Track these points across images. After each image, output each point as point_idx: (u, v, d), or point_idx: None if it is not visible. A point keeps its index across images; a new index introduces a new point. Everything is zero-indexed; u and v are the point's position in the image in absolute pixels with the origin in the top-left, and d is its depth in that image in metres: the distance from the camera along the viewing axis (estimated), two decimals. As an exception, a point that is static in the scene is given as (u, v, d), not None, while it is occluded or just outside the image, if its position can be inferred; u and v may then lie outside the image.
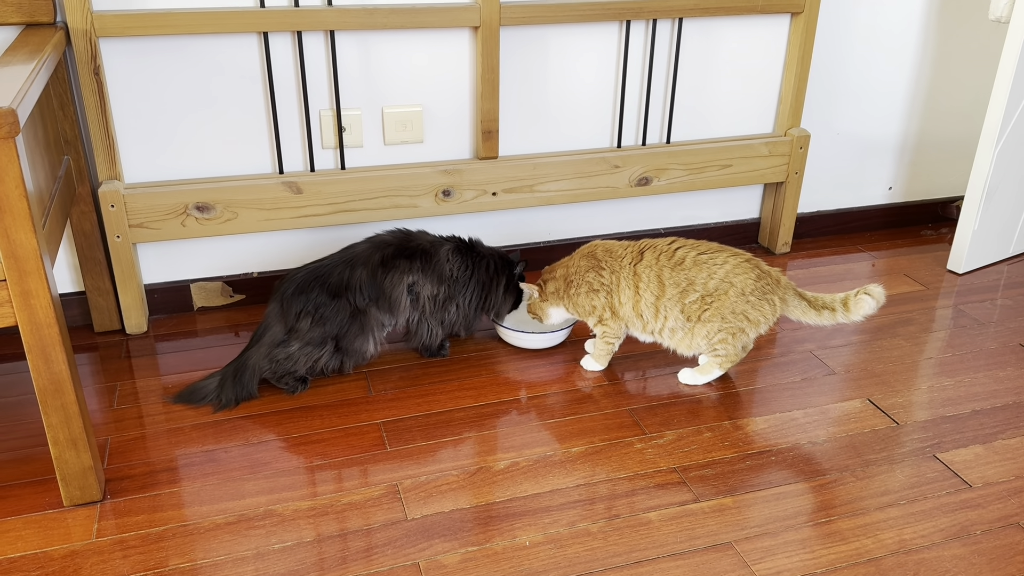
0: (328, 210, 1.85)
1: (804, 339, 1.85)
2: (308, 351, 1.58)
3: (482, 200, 1.95)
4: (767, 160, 2.16)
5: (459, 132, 1.95)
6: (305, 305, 1.56)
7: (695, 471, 1.44)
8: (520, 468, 1.44)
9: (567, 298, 1.68)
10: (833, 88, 2.22)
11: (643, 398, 1.64)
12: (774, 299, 1.58)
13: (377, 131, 1.88)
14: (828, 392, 1.67)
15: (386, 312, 1.63)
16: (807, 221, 2.35)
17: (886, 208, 2.42)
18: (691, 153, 2.09)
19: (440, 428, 1.53)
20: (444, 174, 1.90)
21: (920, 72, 2.27)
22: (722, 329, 1.58)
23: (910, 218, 2.45)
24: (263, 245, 1.93)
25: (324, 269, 1.60)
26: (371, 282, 1.60)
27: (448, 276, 1.66)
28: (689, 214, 2.25)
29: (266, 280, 1.93)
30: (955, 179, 2.45)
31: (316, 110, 1.82)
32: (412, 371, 1.71)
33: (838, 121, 2.27)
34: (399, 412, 1.58)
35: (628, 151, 2.05)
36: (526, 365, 1.75)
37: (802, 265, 2.22)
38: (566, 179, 2.00)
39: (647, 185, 2.07)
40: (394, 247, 1.64)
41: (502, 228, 2.09)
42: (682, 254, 1.60)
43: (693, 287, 1.58)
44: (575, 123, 2.03)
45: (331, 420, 1.55)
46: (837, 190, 2.36)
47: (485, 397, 1.63)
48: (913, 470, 1.45)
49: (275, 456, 1.45)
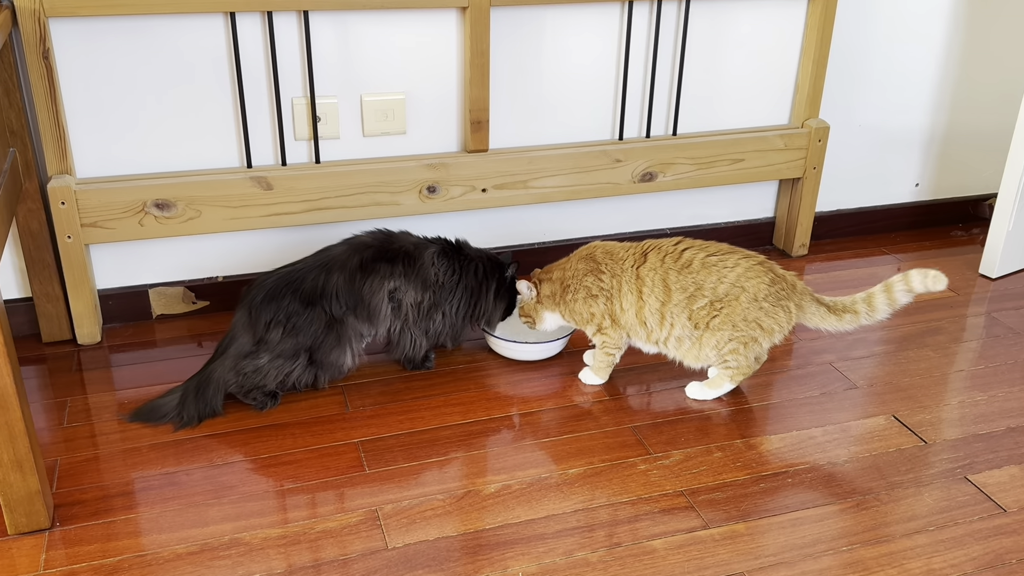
0: (301, 208, 1.85)
1: (823, 350, 1.86)
2: (279, 364, 1.57)
3: (471, 197, 1.95)
4: (782, 154, 2.17)
5: (445, 122, 1.95)
6: (276, 314, 1.56)
7: (704, 495, 1.44)
8: (512, 492, 1.44)
9: (563, 304, 1.68)
10: (855, 75, 2.23)
11: (647, 414, 1.64)
12: (789, 305, 1.59)
13: (355, 121, 1.89)
14: (849, 408, 1.68)
15: (365, 321, 1.63)
16: (826, 221, 2.37)
17: (912, 207, 2.43)
18: (699, 146, 2.09)
19: (424, 448, 1.53)
20: (429, 168, 1.90)
21: (950, 58, 2.28)
22: (733, 338, 1.59)
23: (939, 218, 2.46)
24: (229, 246, 1.92)
25: (297, 274, 1.60)
26: (348, 288, 1.60)
27: (433, 281, 1.66)
28: (697, 213, 2.26)
29: (232, 285, 1.92)
30: (988, 175, 2.46)
31: (288, 98, 1.83)
32: (393, 385, 1.71)
33: (860, 112, 2.28)
34: (379, 430, 1.57)
35: (631, 144, 2.06)
36: (519, 379, 1.75)
37: (820, 269, 2.23)
38: (563, 174, 2.00)
39: (651, 181, 2.08)
40: (374, 249, 1.64)
41: (493, 228, 2.09)
42: (689, 256, 1.60)
43: (701, 292, 1.58)
44: (573, 113, 2.04)
45: (304, 439, 1.55)
46: (859, 187, 2.38)
47: (474, 414, 1.63)
48: (943, 493, 1.46)
49: (242, 479, 1.45)
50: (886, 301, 1.58)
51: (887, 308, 1.58)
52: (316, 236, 1.91)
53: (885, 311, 1.58)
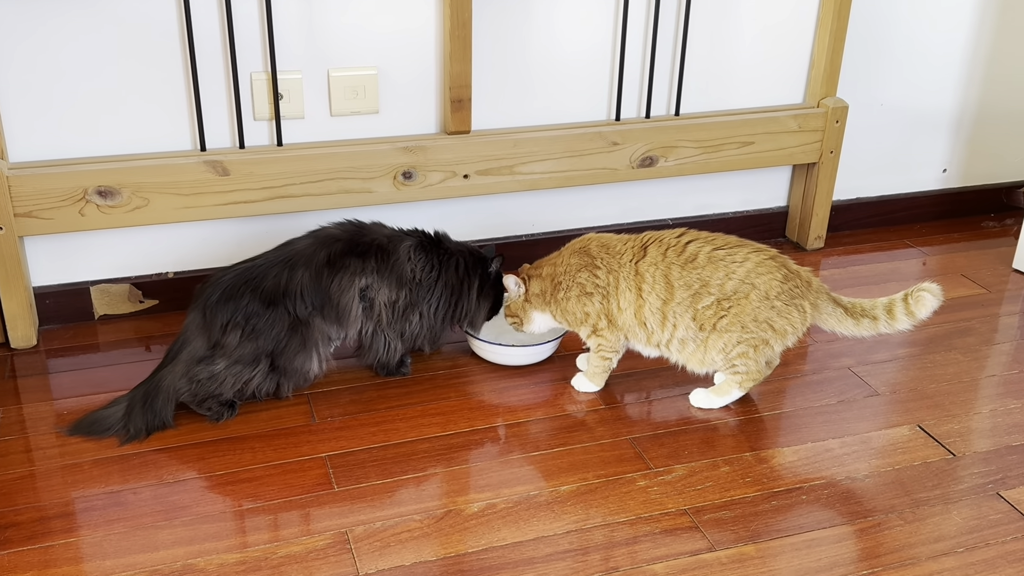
0: (261, 196, 1.84)
1: (841, 353, 1.87)
2: (237, 370, 1.57)
3: (451, 184, 1.95)
4: (796, 136, 2.17)
5: (423, 101, 1.94)
6: (233, 315, 1.56)
7: (710, 513, 1.45)
8: (497, 511, 1.44)
9: (554, 303, 1.68)
10: (876, 49, 2.24)
11: (647, 425, 1.64)
12: (804, 305, 1.60)
13: (322, 99, 1.88)
14: (870, 417, 1.69)
15: (333, 323, 1.62)
16: (844, 210, 2.38)
17: (939, 195, 2.45)
18: (705, 128, 2.10)
19: (399, 463, 1.53)
20: (405, 152, 1.90)
21: (982, 30, 2.29)
22: (742, 341, 1.60)
23: (968, 207, 2.48)
24: (181, 239, 1.91)
25: (257, 270, 1.59)
26: (315, 286, 1.59)
27: (409, 278, 1.66)
28: (702, 201, 2.26)
29: (184, 282, 1.91)
30: (1022, 160, 2.48)
31: (246, 73, 1.82)
32: (365, 393, 1.71)
33: (882, 90, 2.29)
34: (349, 443, 1.57)
35: (629, 125, 2.06)
36: (505, 385, 1.75)
37: (838, 263, 2.24)
38: (553, 159, 2.00)
39: (652, 166, 2.08)
40: (343, 243, 1.63)
41: (476, 219, 2.09)
42: (694, 250, 1.61)
43: (707, 289, 1.59)
44: (564, 91, 2.04)
45: (265, 454, 1.54)
46: (881, 173, 2.39)
47: (455, 425, 1.63)
48: (973, 511, 1.47)
49: (196, 498, 1.44)
50: (905, 312, 1.58)
51: (907, 320, 1.59)
52: (278, 227, 1.90)
53: (905, 321, 1.59)
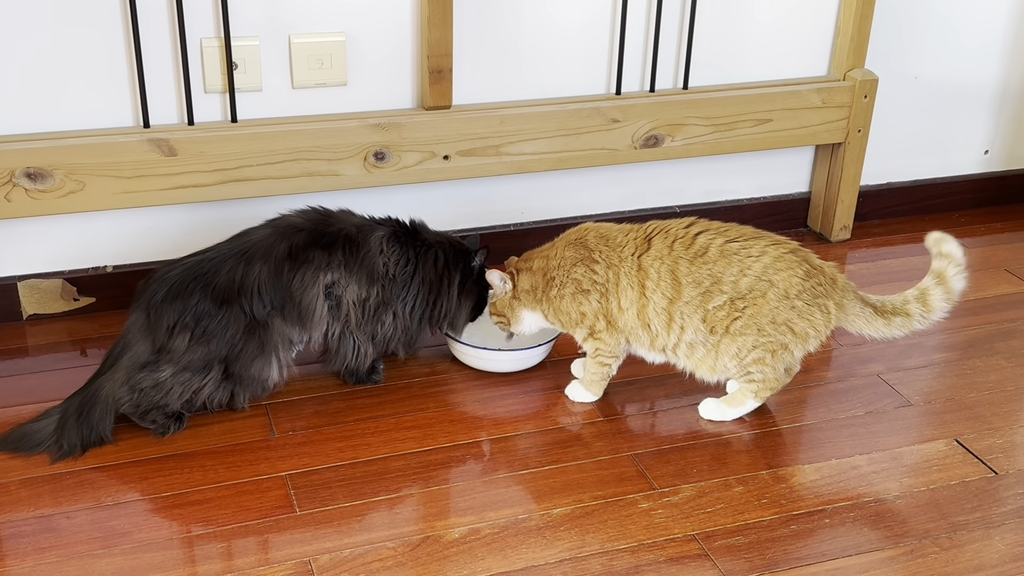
0: (213, 179, 1.84)
1: (869, 358, 1.88)
2: (185, 378, 1.56)
3: (429, 166, 1.95)
4: (820, 113, 2.18)
5: (397, 71, 1.94)
6: (181, 315, 1.55)
7: (721, 539, 1.45)
8: (482, 537, 1.44)
9: (546, 301, 1.68)
10: (909, 16, 2.24)
11: (651, 439, 1.65)
12: (828, 304, 1.60)
13: (282, 69, 1.87)
14: (902, 430, 1.69)
15: (295, 324, 1.62)
16: (874, 197, 2.38)
17: (981, 179, 2.46)
18: (716, 103, 2.10)
19: (370, 483, 1.53)
20: (376, 130, 1.89)
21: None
22: (758, 345, 1.60)
23: (1012, 193, 2.49)
24: (121, 228, 1.91)
25: (208, 265, 1.59)
26: (274, 282, 1.59)
27: (382, 273, 1.66)
28: (714, 187, 2.26)
29: (126, 277, 1.91)
30: (1072, 140, 2.49)
31: (196, 39, 1.81)
32: (331, 404, 1.71)
33: (916, 61, 2.30)
34: (313, 461, 1.57)
35: (631, 99, 2.06)
36: (490, 395, 1.75)
37: (866, 256, 2.25)
38: (545, 137, 2.00)
39: (657, 147, 2.08)
40: (306, 233, 1.63)
41: (457, 205, 2.08)
42: (704, 242, 1.61)
43: (719, 287, 1.59)
44: (558, 60, 2.04)
45: (217, 472, 1.54)
46: (915, 155, 2.39)
47: (433, 439, 1.63)
48: (1017, 536, 1.47)
49: (138, 523, 1.44)
50: (943, 295, 1.59)
51: (944, 303, 1.59)
52: (232, 215, 1.89)
53: (942, 307, 1.59)
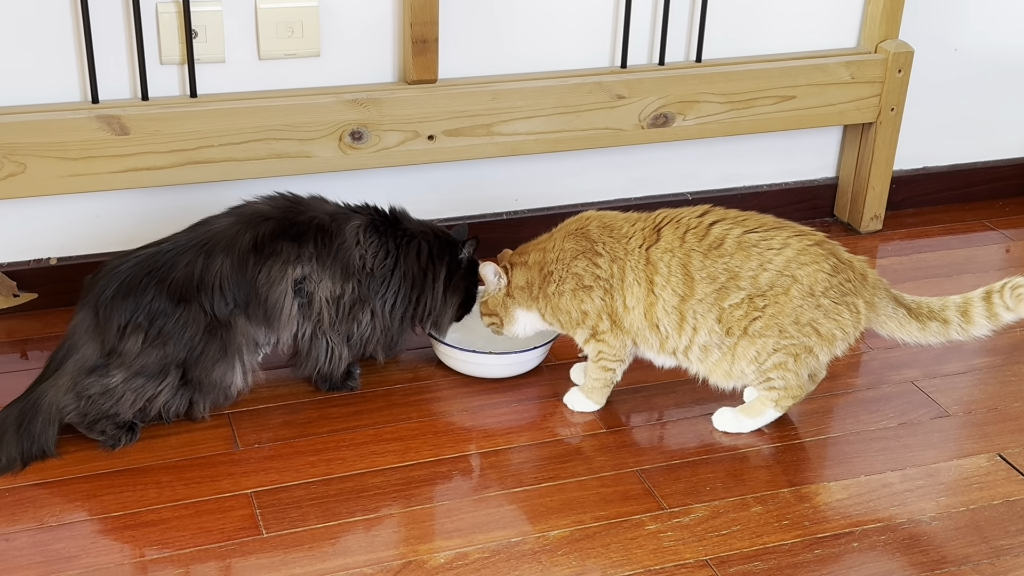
0: (170, 161, 1.83)
1: (902, 363, 1.88)
2: (138, 384, 1.56)
3: (412, 147, 1.94)
4: (848, 89, 2.18)
5: (376, 41, 1.94)
6: (134, 314, 1.55)
7: (737, 565, 1.45)
8: (470, 563, 1.44)
9: (543, 299, 1.68)
10: (949, -20, 2.26)
11: (659, 453, 1.65)
12: (857, 303, 1.60)
13: (247, 38, 1.87)
14: (939, 444, 1.70)
15: (261, 324, 1.62)
16: (908, 183, 2.38)
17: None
18: (733, 78, 2.10)
19: (346, 502, 1.53)
20: (353, 106, 1.89)
21: (1078, -42, 2.31)
22: (779, 348, 1.60)
23: (1062, 179, 2.50)
24: (67, 216, 1.90)
25: (164, 258, 1.58)
26: (238, 277, 1.59)
27: (358, 267, 1.66)
28: (730, 171, 2.26)
29: (72, 271, 1.90)
30: None
31: (151, 3, 1.80)
32: (302, 413, 1.70)
33: (956, 31, 2.30)
34: (281, 477, 1.57)
35: (637, 73, 2.06)
36: (480, 403, 1.75)
37: (899, 250, 2.25)
38: (542, 116, 2.00)
39: (667, 126, 2.08)
40: (274, 222, 1.62)
41: (443, 191, 2.08)
42: (720, 233, 1.61)
43: (737, 283, 1.59)
44: (556, 29, 2.03)
45: (175, 489, 1.53)
46: (954, 136, 2.40)
47: (416, 453, 1.63)
48: (1065, 562, 1.48)
49: (85, 546, 1.43)
50: (985, 314, 1.59)
51: (987, 324, 1.59)
52: (191, 201, 1.89)
53: (985, 325, 1.59)
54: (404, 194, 1.93)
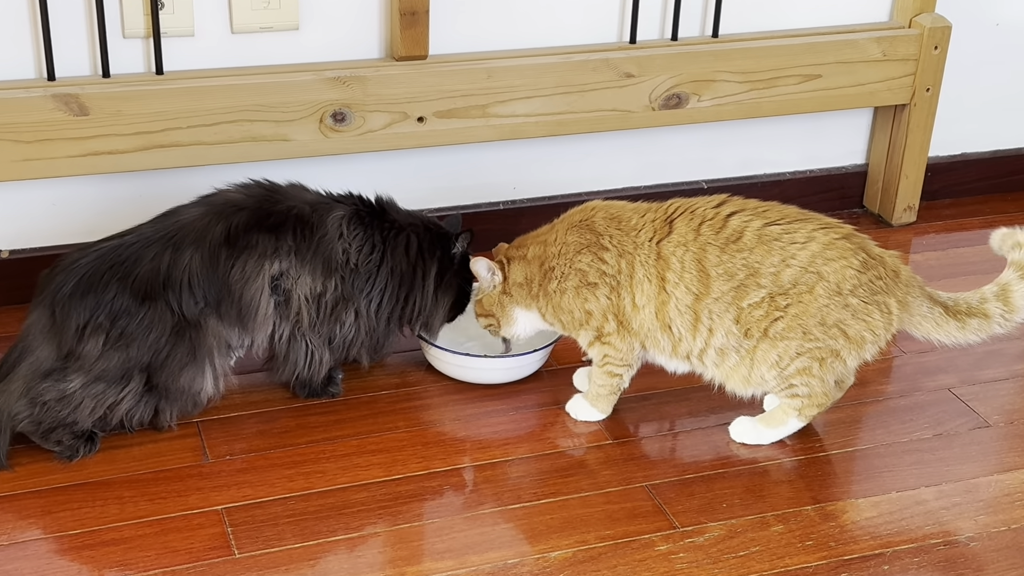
0: (134, 144, 1.83)
1: (937, 368, 1.88)
2: (98, 390, 1.56)
3: (400, 130, 1.95)
4: (879, 67, 2.18)
5: (361, 13, 1.94)
6: (94, 313, 1.55)
7: (757, 590, 1.47)
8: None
9: (544, 297, 1.69)
10: (990, -52, 2.26)
11: (670, 467, 1.65)
12: (889, 303, 1.61)
13: (219, 9, 1.87)
14: (978, 457, 1.70)
15: (234, 324, 1.62)
16: (945, 171, 2.39)
17: (1075, 150, 2.48)
18: (753, 54, 2.10)
19: (326, 519, 1.53)
20: (335, 85, 1.90)
21: None
22: (804, 352, 1.61)
23: (1115, 167, 2.51)
24: (20, 204, 1.90)
25: (127, 251, 1.58)
26: (209, 273, 1.59)
27: (341, 262, 1.66)
28: (750, 157, 2.27)
29: (25, 265, 1.90)
30: None
31: (113, -28, 1.82)
32: (279, 422, 1.71)
33: (997, 4, 2.29)
34: (255, 492, 1.57)
35: (648, 49, 2.06)
36: (474, 412, 1.75)
37: (935, 244, 2.25)
38: (543, 95, 2.00)
39: (680, 108, 2.09)
40: (248, 212, 1.63)
41: (434, 179, 2.08)
42: (739, 225, 1.61)
43: (756, 280, 1.59)
44: (558, 1, 2.04)
45: (139, 505, 1.53)
46: (995, 120, 2.40)
47: (404, 466, 1.63)
48: (1115, 587, 1.49)
49: (40, 567, 1.43)
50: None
51: None
52: (158, 189, 1.89)
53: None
54: (391, 182, 1.93)
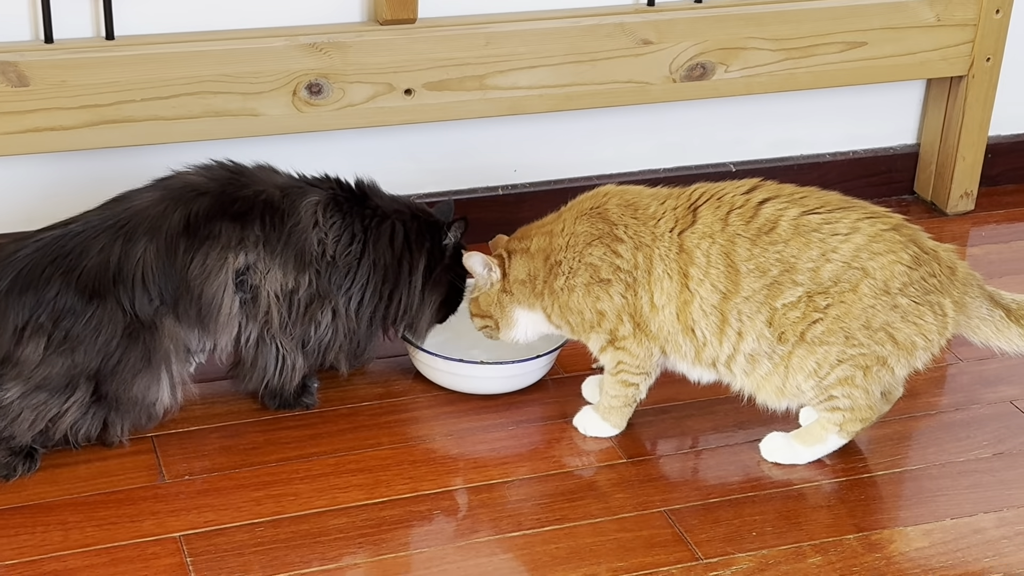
0: (81, 119, 1.83)
1: (998, 378, 1.88)
2: (39, 400, 1.56)
3: (385, 104, 1.95)
4: (933, 34, 2.18)
5: (341, -30, 1.94)
6: (34, 313, 1.55)
7: (792, 633, 1.45)
8: (455, 628, 1.44)
9: (550, 296, 1.68)
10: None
11: (692, 490, 1.65)
12: (944, 303, 1.60)
13: (179, -34, 1.87)
14: (1044, 480, 1.70)
15: (194, 325, 1.62)
16: (1007, 152, 2.39)
17: None
18: (788, 18, 2.10)
19: (298, 548, 1.52)
20: (311, 52, 1.89)
21: None
22: (846, 359, 1.60)
23: None
24: (-48, 187, 1.90)
25: (72, 242, 1.59)
26: (165, 267, 1.59)
27: (316, 255, 1.66)
28: (785, 137, 2.27)
29: (-42, 256, 1.90)
30: None
31: (58, -78, 1.80)
32: (245, 437, 1.70)
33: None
34: (218, 517, 1.56)
35: (669, 12, 2.06)
36: (469, 426, 1.75)
37: (996, 235, 2.26)
38: (548, 65, 2.00)
39: (704, 79, 2.08)
40: (210, 198, 1.63)
41: (423, 159, 2.09)
42: (772, 214, 1.60)
43: (792, 277, 1.58)
44: (567, -43, 2.03)
45: (84, 532, 1.53)
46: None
47: (389, 487, 1.63)
48: None
49: (-29, 605, 1.43)
50: None
51: None
52: (107, 170, 1.89)
53: None
54: (375, 163, 1.93)
